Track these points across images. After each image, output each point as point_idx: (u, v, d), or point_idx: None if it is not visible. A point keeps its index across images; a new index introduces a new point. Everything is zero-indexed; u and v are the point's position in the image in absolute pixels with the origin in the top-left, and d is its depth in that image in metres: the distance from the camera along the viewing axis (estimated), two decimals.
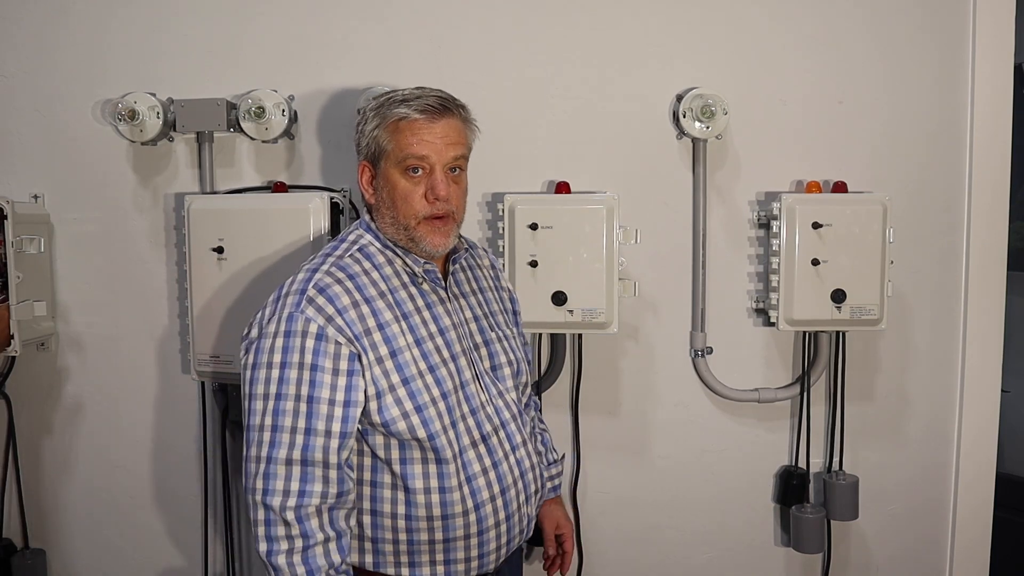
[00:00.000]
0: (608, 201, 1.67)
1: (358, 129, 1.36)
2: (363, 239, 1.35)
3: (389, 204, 1.32)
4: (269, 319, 1.25)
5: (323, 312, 1.23)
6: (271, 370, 1.22)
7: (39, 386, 1.88)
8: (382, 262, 1.33)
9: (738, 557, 1.88)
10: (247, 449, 1.24)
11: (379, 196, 1.33)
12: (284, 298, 1.25)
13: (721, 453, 1.85)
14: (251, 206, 1.70)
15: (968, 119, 1.78)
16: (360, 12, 1.77)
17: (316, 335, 1.22)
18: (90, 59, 1.79)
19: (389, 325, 1.27)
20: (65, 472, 1.90)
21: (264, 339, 1.24)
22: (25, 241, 1.70)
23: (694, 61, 1.77)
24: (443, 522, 1.29)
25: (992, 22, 1.75)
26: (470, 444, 1.31)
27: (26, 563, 1.85)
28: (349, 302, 1.25)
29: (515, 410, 1.39)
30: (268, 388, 1.22)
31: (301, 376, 1.21)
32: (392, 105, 1.31)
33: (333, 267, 1.29)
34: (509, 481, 1.35)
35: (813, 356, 1.79)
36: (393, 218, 1.32)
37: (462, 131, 1.33)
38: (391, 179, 1.31)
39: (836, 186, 1.73)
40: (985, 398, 1.83)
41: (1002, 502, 1.87)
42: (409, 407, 1.26)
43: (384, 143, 1.31)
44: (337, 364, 1.22)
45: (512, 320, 1.52)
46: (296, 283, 1.27)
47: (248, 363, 1.25)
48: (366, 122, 1.33)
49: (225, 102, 1.72)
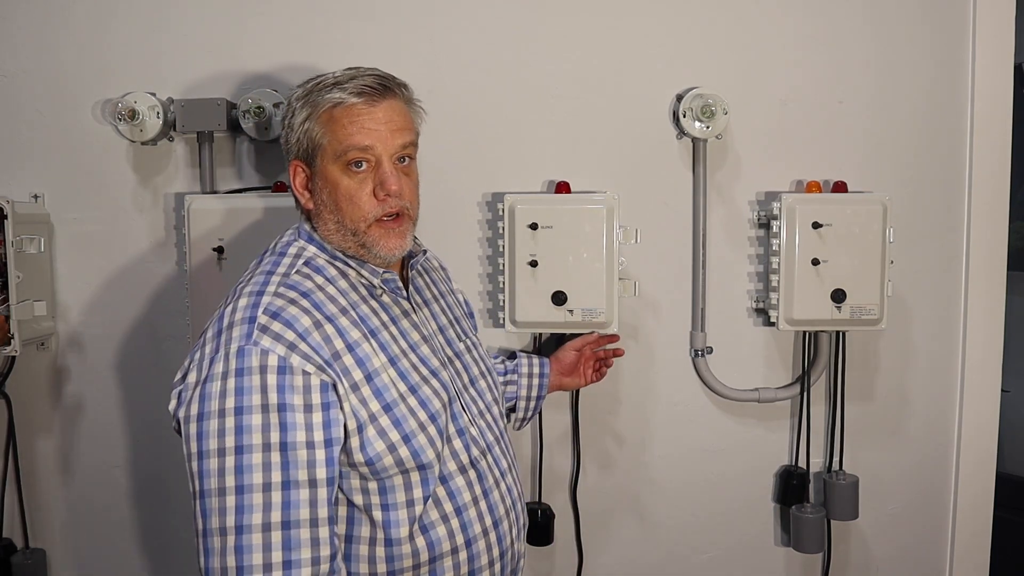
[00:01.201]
0: (608, 201, 1.67)
1: (284, 123, 1.18)
2: (306, 251, 1.15)
3: (331, 207, 1.13)
4: (212, 359, 1.02)
5: (282, 339, 1.02)
6: (224, 419, 0.98)
7: (39, 386, 1.87)
8: (334, 275, 1.14)
9: (738, 557, 1.88)
10: (202, 522, 0.99)
11: (318, 199, 1.15)
12: (227, 331, 1.03)
13: (721, 453, 1.85)
14: (251, 206, 1.70)
15: (968, 119, 1.78)
16: (358, 12, 1.77)
17: (277, 368, 1.00)
18: (90, 59, 1.79)
19: (359, 345, 1.08)
20: (65, 472, 1.90)
21: (209, 383, 1.00)
22: (25, 241, 1.70)
23: (694, 61, 1.77)
24: (430, 566, 1.11)
25: (992, 22, 1.75)
26: (458, 470, 1.14)
27: (26, 563, 1.85)
28: (310, 323, 1.05)
29: (498, 431, 1.25)
30: (224, 442, 0.98)
31: (267, 420, 0.98)
32: (322, 90, 1.13)
33: (281, 287, 1.08)
34: (501, 512, 1.18)
35: (813, 356, 1.79)
36: (338, 223, 1.14)
37: (407, 114, 1.17)
38: (331, 178, 1.13)
39: (836, 186, 1.73)
40: (985, 398, 1.83)
41: (1002, 502, 1.87)
42: (395, 437, 1.07)
43: (317, 136, 1.13)
44: (308, 398, 1.01)
45: (472, 325, 1.41)
46: (238, 311, 1.05)
47: (190, 415, 1.01)
48: (293, 114, 1.15)
49: (225, 102, 1.72)
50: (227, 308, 1.07)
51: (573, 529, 1.85)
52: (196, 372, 1.03)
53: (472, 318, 1.46)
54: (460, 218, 1.79)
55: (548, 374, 1.63)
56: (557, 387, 1.67)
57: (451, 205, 1.79)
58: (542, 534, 1.80)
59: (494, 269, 1.80)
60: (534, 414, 1.64)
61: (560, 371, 1.66)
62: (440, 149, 1.73)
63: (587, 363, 1.68)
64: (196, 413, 1.01)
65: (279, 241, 1.20)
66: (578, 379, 1.67)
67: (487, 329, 1.82)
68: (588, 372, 1.67)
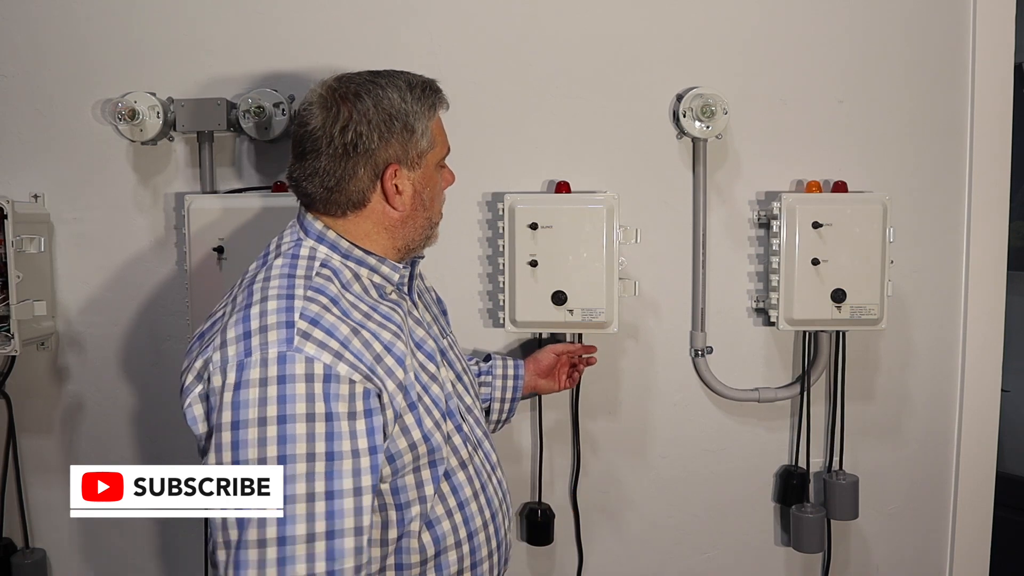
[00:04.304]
0: (608, 201, 1.67)
1: (383, 124, 1.11)
2: (318, 252, 1.13)
3: (427, 205, 1.18)
4: (241, 363, 0.98)
5: (327, 347, 1.00)
6: (265, 428, 0.95)
7: (39, 386, 1.88)
8: (349, 278, 1.12)
9: (738, 557, 1.88)
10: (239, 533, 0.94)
11: (416, 200, 1.17)
12: (260, 334, 1.00)
13: (721, 453, 1.85)
14: (251, 206, 1.70)
15: (968, 119, 1.78)
16: (358, 11, 1.77)
17: (324, 377, 0.98)
18: (90, 59, 1.79)
19: (394, 344, 1.08)
20: (65, 472, 1.89)
21: (244, 389, 0.97)
22: (25, 241, 1.70)
23: (694, 61, 1.77)
24: (435, 560, 1.12)
25: (992, 22, 1.75)
26: (459, 465, 1.16)
27: (26, 563, 1.85)
28: (348, 331, 1.03)
29: (483, 427, 1.27)
30: (264, 451, 0.95)
31: (312, 430, 0.96)
32: (436, 93, 1.17)
33: (309, 291, 1.05)
34: (496, 504, 1.22)
35: (813, 356, 1.79)
36: (426, 220, 1.19)
37: None
38: (433, 178, 1.18)
39: (836, 186, 1.73)
40: (985, 398, 1.83)
41: (1002, 502, 1.87)
42: (418, 436, 1.09)
43: (432, 139, 1.16)
44: (353, 406, 1.00)
45: (447, 322, 1.41)
46: (270, 314, 1.02)
47: (221, 423, 0.97)
48: (409, 115, 1.12)
49: (225, 102, 1.72)
50: (251, 310, 1.03)
51: (573, 529, 1.85)
52: (222, 375, 0.99)
53: (446, 316, 1.45)
54: (460, 218, 1.79)
55: (523, 376, 1.61)
56: (532, 389, 1.65)
57: (451, 205, 1.75)
58: (542, 534, 1.80)
59: (494, 269, 1.80)
60: (509, 416, 1.61)
61: (536, 372, 1.64)
62: None
63: (563, 368, 1.67)
64: (230, 421, 0.97)
65: (282, 241, 1.17)
66: (553, 383, 1.66)
67: (487, 329, 1.82)
68: (562, 377, 1.67)
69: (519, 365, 1.62)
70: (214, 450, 0.98)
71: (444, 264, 1.77)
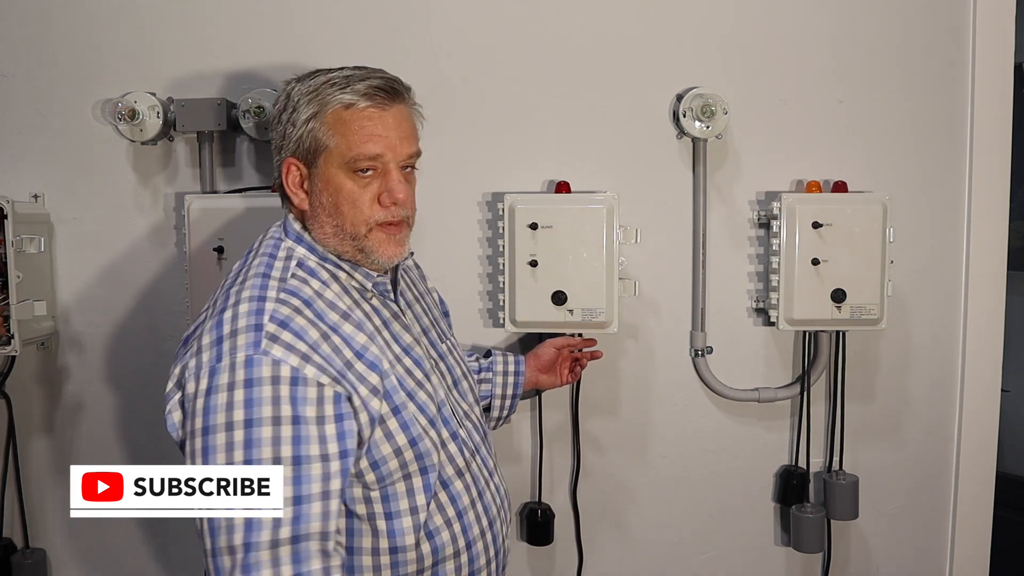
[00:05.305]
0: (608, 201, 1.67)
1: (280, 118, 1.12)
2: (296, 252, 1.12)
3: (331, 211, 1.10)
4: (213, 368, 0.98)
5: (294, 350, 0.99)
6: (233, 433, 0.95)
7: (39, 386, 1.87)
8: (326, 279, 1.11)
9: (738, 557, 1.88)
10: (211, 540, 0.95)
11: (315, 201, 1.11)
12: (230, 339, 0.99)
13: (721, 453, 1.85)
14: (251, 206, 1.70)
15: (968, 119, 1.78)
16: (358, 11, 1.77)
17: (291, 379, 0.97)
18: (90, 59, 1.79)
19: (367, 349, 1.06)
20: (65, 472, 1.89)
21: (213, 394, 0.97)
22: (25, 241, 1.70)
23: (694, 61, 1.77)
24: (433, 570, 1.11)
25: (992, 22, 1.75)
26: (455, 474, 1.14)
27: (26, 563, 1.85)
28: (319, 335, 1.02)
29: (482, 432, 1.25)
30: (231, 456, 0.94)
31: (278, 434, 0.95)
32: (332, 88, 1.08)
33: (282, 293, 1.04)
34: (494, 512, 1.20)
35: (813, 356, 1.79)
36: (337, 226, 1.11)
37: (413, 121, 1.15)
38: (334, 181, 1.09)
39: (836, 186, 1.73)
40: (985, 398, 1.83)
41: (1002, 502, 1.87)
42: (403, 441, 1.07)
43: (324, 137, 1.08)
44: (322, 410, 0.98)
45: (448, 325, 1.39)
46: (240, 317, 1.01)
47: (194, 429, 0.97)
48: (295, 110, 1.09)
49: (225, 102, 1.72)
50: (225, 314, 1.03)
51: (573, 529, 1.85)
52: (195, 382, 0.99)
53: (448, 318, 1.44)
54: (460, 218, 1.79)
55: (523, 372, 1.59)
56: (534, 384, 1.63)
57: (451, 205, 1.79)
58: (542, 534, 1.80)
59: (494, 269, 1.80)
60: (510, 413, 1.60)
61: (537, 367, 1.62)
62: (440, 149, 1.73)
63: (564, 362, 1.64)
64: (201, 427, 0.97)
65: (263, 241, 1.16)
66: (554, 378, 1.64)
67: (487, 329, 1.82)
68: (564, 372, 1.64)
69: (520, 361, 1.61)
70: (188, 456, 0.99)
71: (444, 264, 1.77)
